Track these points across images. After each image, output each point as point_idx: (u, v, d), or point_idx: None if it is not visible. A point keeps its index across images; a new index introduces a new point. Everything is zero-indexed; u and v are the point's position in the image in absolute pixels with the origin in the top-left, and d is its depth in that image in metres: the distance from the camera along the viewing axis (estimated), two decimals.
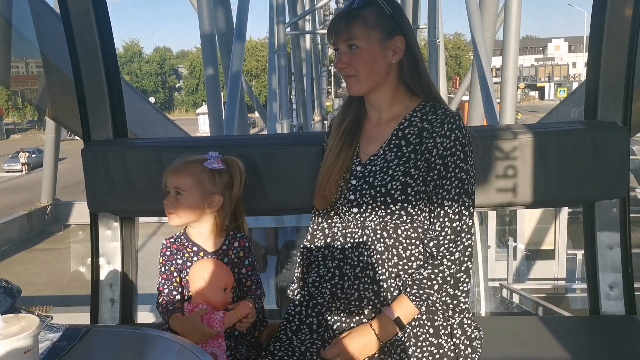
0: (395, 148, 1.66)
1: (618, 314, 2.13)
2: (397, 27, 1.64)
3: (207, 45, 9.90)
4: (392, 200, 1.61)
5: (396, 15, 1.64)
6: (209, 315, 1.70)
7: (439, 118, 1.62)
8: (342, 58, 1.66)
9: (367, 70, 1.64)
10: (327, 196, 1.74)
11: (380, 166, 1.66)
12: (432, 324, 1.62)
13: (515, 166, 2.03)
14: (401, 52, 1.64)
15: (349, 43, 1.64)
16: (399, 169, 1.62)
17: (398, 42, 1.64)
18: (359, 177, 1.69)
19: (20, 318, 1.21)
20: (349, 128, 1.76)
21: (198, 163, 1.80)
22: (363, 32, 1.62)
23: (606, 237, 2.13)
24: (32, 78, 6.65)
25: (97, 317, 2.29)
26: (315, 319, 1.72)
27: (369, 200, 1.64)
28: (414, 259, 1.64)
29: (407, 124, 1.68)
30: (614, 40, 2.06)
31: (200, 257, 1.81)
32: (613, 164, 2.04)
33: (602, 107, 2.11)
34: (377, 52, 1.63)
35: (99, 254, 2.30)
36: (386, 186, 1.62)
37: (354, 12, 1.64)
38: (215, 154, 1.83)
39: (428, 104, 1.68)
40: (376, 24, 1.63)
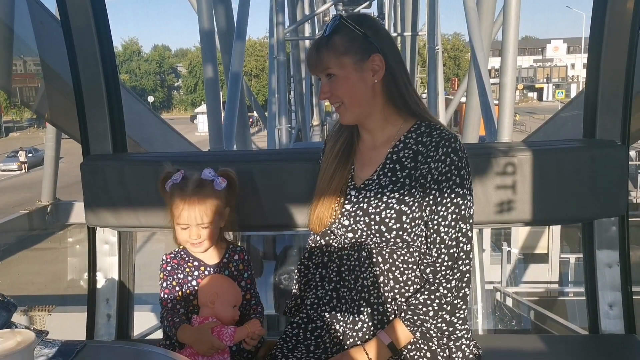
0: (389, 173, 1.63)
1: (618, 332, 2.12)
2: (372, 46, 1.59)
3: (206, 44, 9.86)
4: (387, 228, 1.59)
5: (369, 33, 1.59)
6: (220, 329, 1.71)
7: (433, 141, 1.58)
8: (324, 88, 1.63)
9: (349, 97, 1.61)
10: (322, 220, 1.72)
11: (374, 192, 1.63)
12: (429, 348, 1.61)
13: (514, 184, 2.02)
14: (382, 70, 1.59)
15: (325, 72, 1.61)
16: (394, 196, 1.59)
17: (376, 60, 1.59)
18: (353, 202, 1.66)
19: (16, 333, 1.20)
20: (342, 150, 1.73)
21: (209, 189, 1.79)
22: (335, 60, 1.58)
23: (605, 255, 2.13)
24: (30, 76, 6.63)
25: (93, 332, 2.28)
26: (313, 341, 1.73)
27: (363, 227, 1.62)
28: (410, 283, 1.62)
29: (401, 146, 1.64)
30: (612, 59, 2.05)
31: (202, 271, 1.82)
32: (612, 182, 2.04)
33: (600, 126, 2.11)
34: (355, 77, 1.59)
35: (96, 268, 2.29)
36: (380, 214, 1.59)
37: (323, 41, 1.60)
38: (212, 172, 1.82)
39: (423, 124, 1.64)
40: (347, 48, 1.58)
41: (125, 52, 67.41)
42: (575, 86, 57.91)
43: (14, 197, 18.87)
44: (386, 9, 26.93)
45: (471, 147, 2.14)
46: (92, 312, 2.28)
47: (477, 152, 2.05)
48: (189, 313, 1.80)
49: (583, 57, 54.95)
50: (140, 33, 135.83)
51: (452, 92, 42.01)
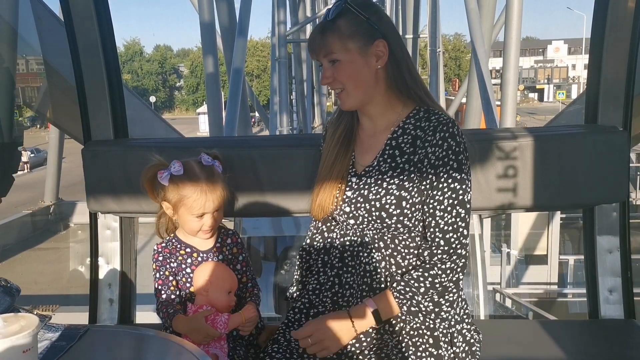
0: (389, 159, 1.63)
1: (617, 318, 2.13)
2: (376, 31, 1.58)
3: (207, 42, 9.89)
4: (388, 214, 1.59)
5: (373, 18, 1.58)
6: (213, 317, 1.70)
7: (431, 125, 1.58)
8: (326, 73, 1.62)
9: (352, 82, 1.60)
10: (323, 207, 1.72)
11: (375, 178, 1.63)
12: (431, 334, 1.61)
13: (516, 169, 2.03)
14: (385, 56, 1.59)
15: (329, 58, 1.60)
16: (394, 182, 1.59)
17: (380, 46, 1.58)
18: (354, 188, 1.66)
19: (20, 317, 1.21)
20: (342, 136, 1.72)
21: (218, 178, 1.79)
22: (339, 44, 1.58)
23: (606, 241, 2.13)
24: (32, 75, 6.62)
25: (95, 317, 2.28)
26: None
27: (364, 214, 1.62)
28: (412, 268, 1.62)
29: (400, 132, 1.63)
30: (614, 45, 2.06)
31: (195, 257, 1.81)
32: (613, 168, 2.04)
33: (602, 111, 2.11)
34: (359, 61, 1.58)
35: (98, 253, 2.30)
36: (380, 200, 1.59)
37: (328, 25, 1.60)
38: (209, 158, 1.81)
39: (422, 109, 1.63)
40: (352, 33, 1.57)
41: (127, 52, 67.49)
42: (576, 87, 57.92)
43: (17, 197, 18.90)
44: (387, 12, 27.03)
45: (473, 133, 2.14)
46: (94, 297, 2.29)
47: (478, 138, 2.05)
48: (186, 301, 1.79)
49: (584, 57, 54.91)
50: (141, 33, 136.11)
51: (452, 92, 41.99)
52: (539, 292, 9.65)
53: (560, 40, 68.18)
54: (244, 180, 2.07)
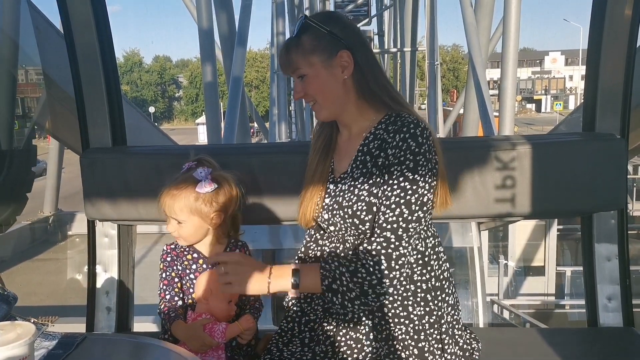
0: (361, 165, 1.63)
1: (616, 326, 2.12)
2: (339, 43, 1.59)
3: (205, 51, 9.91)
4: (360, 221, 1.57)
5: (335, 30, 1.59)
6: (212, 326, 1.70)
7: (395, 127, 1.57)
8: (296, 88, 1.65)
9: (321, 95, 1.62)
10: (306, 215, 1.72)
11: (348, 185, 1.63)
12: (416, 345, 1.59)
13: (514, 177, 2.03)
14: (350, 66, 1.60)
15: (297, 73, 1.63)
16: (364, 188, 1.58)
17: (344, 57, 1.59)
18: (332, 195, 1.67)
19: (16, 325, 1.21)
20: (323, 145, 1.74)
21: (191, 189, 1.76)
22: (303, 59, 1.60)
23: (604, 248, 2.13)
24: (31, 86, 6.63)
25: (93, 325, 2.27)
26: (307, 334, 1.73)
27: (340, 220, 1.62)
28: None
29: (371, 137, 1.63)
30: (611, 52, 2.07)
31: (200, 264, 1.81)
32: (611, 176, 2.04)
33: (600, 119, 2.11)
34: (324, 74, 1.60)
35: (96, 261, 2.30)
36: (352, 207, 1.58)
37: (292, 41, 1.63)
38: (205, 172, 1.77)
39: (393, 115, 1.62)
40: (314, 47, 1.59)
41: (126, 63, 67.70)
42: (573, 98, 58.14)
43: None
44: (386, 26, 27.18)
45: (470, 141, 2.15)
46: (92, 305, 2.28)
47: (476, 146, 2.06)
48: (188, 307, 1.80)
49: (581, 69, 55.16)
50: (141, 44, 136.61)
51: (450, 103, 42.15)
52: (536, 303, 9.65)
53: (558, 51, 68.58)
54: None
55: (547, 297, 9.92)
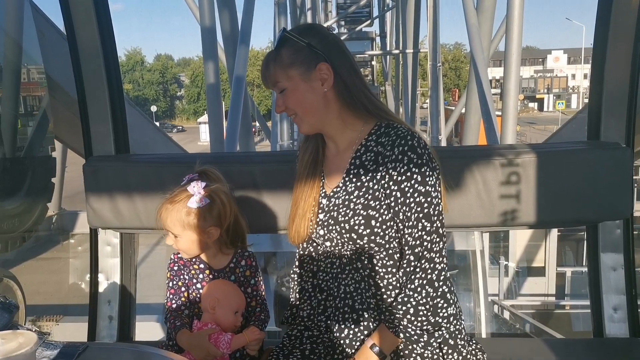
0: (354, 178, 1.61)
1: (622, 336, 2.10)
2: (318, 55, 1.58)
3: (207, 48, 9.87)
4: (358, 235, 1.57)
5: (314, 42, 1.58)
6: (217, 336, 1.69)
7: (390, 140, 1.56)
8: (277, 101, 1.64)
9: (301, 108, 1.61)
10: (299, 232, 1.71)
11: (342, 199, 1.62)
12: (418, 353, 1.59)
13: (518, 186, 2.01)
14: (330, 78, 1.58)
15: (277, 87, 1.62)
16: (360, 202, 1.57)
17: (323, 69, 1.58)
18: (325, 210, 1.66)
19: (18, 334, 1.20)
20: (310, 159, 1.72)
21: (183, 203, 1.75)
22: (282, 73, 1.59)
23: (609, 258, 2.11)
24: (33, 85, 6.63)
25: (94, 333, 2.27)
26: (308, 346, 1.73)
27: (336, 236, 1.61)
28: (392, 288, 1.60)
29: (363, 150, 1.62)
30: (616, 60, 2.05)
31: (207, 274, 1.81)
32: (616, 185, 2.02)
33: (605, 128, 2.10)
34: (303, 87, 1.59)
35: (98, 270, 2.29)
36: (349, 222, 1.57)
37: (272, 55, 1.62)
38: (198, 187, 1.76)
39: (383, 125, 1.62)
40: (293, 60, 1.58)
41: (128, 62, 67.74)
42: (575, 97, 58.06)
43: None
44: (388, 27, 27.15)
45: (474, 150, 2.14)
46: (93, 313, 2.27)
47: (480, 155, 2.05)
48: (194, 316, 1.80)
49: (584, 67, 55.13)
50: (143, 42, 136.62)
51: (452, 102, 42.09)
52: (536, 303, 9.66)
53: (560, 50, 68.43)
54: (244, 196, 2.06)
55: (548, 298, 9.92)
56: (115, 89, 2.23)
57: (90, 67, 2.20)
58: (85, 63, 2.20)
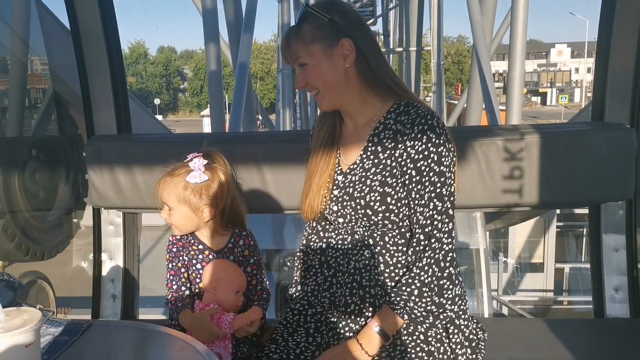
0: (372, 155, 1.62)
1: (623, 317, 2.11)
2: (340, 31, 1.57)
3: (209, 35, 9.83)
4: (373, 211, 1.58)
5: (336, 18, 1.57)
6: (219, 316, 1.70)
7: (410, 118, 1.56)
8: (298, 77, 1.64)
9: (323, 84, 1.60)
10: (313, 207, 1.71)
11: (359, 176, 1.62)
12: (421, 332, 1.59)
13: (521, 167, 2.01)
14: (352, 54, 1.58)
15: (297, 62, 1.61)
16: (377, 179, 1.58)
17: (345, 45, 1.57)
18: (341, 187, 1.66)
19: (22, 312, 1.20)
20: (327, 136, 1.72)
21: (182, 177, 1.75)
22: (304, 49, 1.58)
23: (612, 239, 2.11)
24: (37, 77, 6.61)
25: (98, 312, 2.28)
26: (312, 324, 1.73)
27: (350, 212, 1.62)
28: (400, 266, 1.60)
29: (381, 127, 1.63)
30: (621, 41, 2.04)
31: (206, 255, 1.81)
32: (620, 166, 2.02)
33: (609, 109, 2.10)
34: (325, 63, 1.58)
35: (102, 249, 2.30)
36: (365, 198, 1.58)
37: (293, 31, 1.61)
38: (199, 163, 1.76)
39: (402, 103, 1.62)
40: (315, 36, 1.57)
41: (132, 54, 67.67)
42: (578, 91, 57.83)
43: None
44: (391, 26, 27.10)
45: (478, 130, 2.14)
46: (97, 292, 2.28)
47: (484, 135, 2.04)
48: (195, 296, 1.80)
49: (587, 61, 54.90)
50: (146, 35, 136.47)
51: (455, 96, 41.98)
52: (535, 299, 9.69)
53: (564, 43, 68.08)
54: (247, 177, 2.06)
55: (546, 293, 9.96)
56: (117, 69, 2.23)
57: (92, 47, 2.21)
58: (88, 44, 2.20)
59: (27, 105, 4.66)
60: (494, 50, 12.55)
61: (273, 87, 51.25)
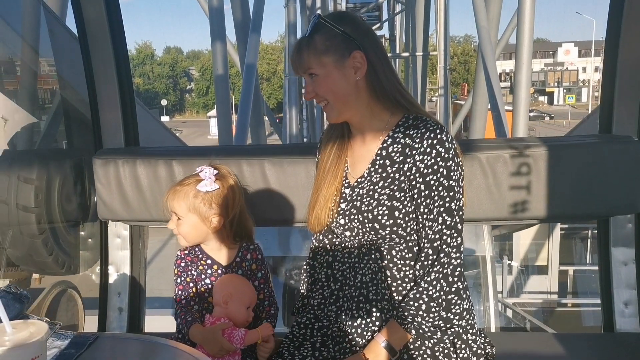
0: (380, 169, 1.62)
1: (633, 331, 2.09)
2: (352, 43, 1.57)
3: (217, 43, 9.86)
4: (381, 225, 1.57)
5: (348, 30, 1.57)
6: (230, 331, 1.69)
7: (419, 132, 1.56)
8: (307, 88, 1.63)
9: (333, 95, 1.60)
10: (320, 220, 1.71)
11: (366, 189, 1.62)
12: (427, 347, 1.59)
13: (528, 180, 2.00)
14: (363, 67, 1.57)
15: (308, 72, 1.60)
16: (385, 192, 1.58)
17: (357, 57, 1.57)
18: (348, 200, 1.66)
19: (29, 324, 1.20)
20: (335, 148, 1.72)
21: (192, 186, 1.77)
22: (315, 60, 1.57)
23: (620, 253, 2.10)
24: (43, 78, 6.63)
25: (104, 325, 2.28)
26: (319, 339, 1.72)
27: (358, 225, 1.61)
28: (408, 280, 1.60)
29: (390, 141, 1.62)
30: (629, 53, 2.03)
31: (214, 269, 1.81)
32: (628, 179, 2.00)
33: (617, 121, 2.08)
34: (336, 75, 1.58)
35: (108, 262, 2.30)
36: (372, 212, 1.58)
37: (305, 41, 1.60)
38: (210, 172, 1.78)
39: (411, 117, 1.62)
40: (327, 47, 1.57)
41: (138, 55, 67.92)
42: (585, 90, 57.53)
43: None
44: (397, 31, 27.11)
45: (486, 143, 2.12)
46: (103, 305, 2.29)
47: (491, 148, 2.03)
48: (203, 310, 1.80)
49: (595, 60, 54.58)
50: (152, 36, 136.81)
51: (461, 96, 41.85)
52: (539, 301, 9.69)
53: (571, 42, 67.71)
54: (254, 189, 2.07)
55: (550, 296, 9.95)
56: (125, 81, 2.24)
57: (100, 60, 2.21)
58: (96, 56, 2.21)
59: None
60: (499, 52, 12.50)
61: (279, 87, 51.29)
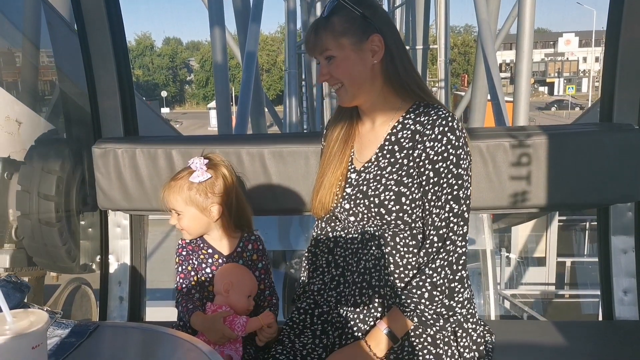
0: (388, 154, 1.61)
1: (632, 319, 2.09)
2: (371, 26, 1.55)
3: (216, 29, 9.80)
4: (387, 210, 1.57)
5: (368, 13, 1.56)
6: (232, 319, 1.70)
7: (430, 119, 1.55)
8: (322, 70, 1.60)
9: (349, 78, 1.58)
10: (324, 204, 1.70)
11: (373, 174, 1.61)
12: (428, 335, 1.59)
13: (529, 168, 2.00)
14: (381, 51, 1.56)
15: (324, 55, 1.58)
16: (392, 178, 1.57)
17: (375, 41, 1.55)
18: (354, 185, 1.65)
19: (30, 313, 1.20)
20: (342, 134, 1.71)
21: (185, 179, 1.77)
22: (333, 41, 1.55)
23: (620, 241, 2.10)
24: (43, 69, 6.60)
25: (105, 314, 2.29)
26: (319, 326, 1.72)
27: (363, 210, 1.61)
28: (410, 267, 1.60)
29: (400, 127, 1.61)
30: (630, 42, 2.02)
31: (215, 259, 1.82)
32: (628, 167, 2.00)
33: (617, 110, 2.07)
34: (353, 58, 1.56)
35: (109, 251, 2.30)
36: (379, 196, 1.57)
37: (322, 22, 1.58)
38: (200, 162, 1.78)
39: (422, 104, 1.61)
40: (346, 29, 1.55)
41: (138, 46, 67.66)
42: (586, 81, 57.39)
43: None
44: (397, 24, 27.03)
45: (486, 131, 2.12)
46: (104, 294, 2.29)
47: (492, 136, 2.03)
48: (204, 299, 1.80)
49: (595, 50, 54.40)
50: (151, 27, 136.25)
51: (461, 87, 41.76)
52: (536, 293, 9.75)
53: (572, 32, 67.40)
54: (254, 178, 2.06)
55: (548, 287, 10.01)
56: (123, 70, 2.23)
57: (98, 48, 2.20)
58: (94, 46, 2.20)
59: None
60: (499, 43, 12.45)
61: (279, 78, 51.14)
